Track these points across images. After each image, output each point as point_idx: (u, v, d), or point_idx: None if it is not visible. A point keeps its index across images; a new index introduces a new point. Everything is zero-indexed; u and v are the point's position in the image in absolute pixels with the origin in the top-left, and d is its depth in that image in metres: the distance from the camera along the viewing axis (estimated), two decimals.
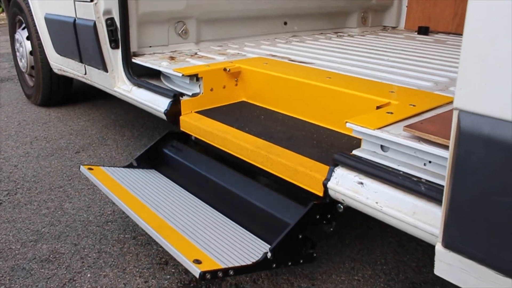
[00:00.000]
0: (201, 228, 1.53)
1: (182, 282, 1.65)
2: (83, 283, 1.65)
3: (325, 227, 1.49)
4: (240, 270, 1.32)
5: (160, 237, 1.39)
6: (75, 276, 1.69)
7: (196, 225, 1.55)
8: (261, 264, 1.36)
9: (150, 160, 2.03)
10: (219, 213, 1.67)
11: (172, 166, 1.99)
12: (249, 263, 1.35)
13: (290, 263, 1.48)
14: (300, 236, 1.44)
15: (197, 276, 1.23)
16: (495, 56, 0.72)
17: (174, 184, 1.88)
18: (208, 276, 1.24)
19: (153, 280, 1.66)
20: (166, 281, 1.66)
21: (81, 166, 1.85)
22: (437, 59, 2.37)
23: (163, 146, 2.04)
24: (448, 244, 0.89)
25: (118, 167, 1.95)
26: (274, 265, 1.41)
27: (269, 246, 1.42)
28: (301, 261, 1.50)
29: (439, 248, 0.93)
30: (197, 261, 1.27)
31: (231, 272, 1.30)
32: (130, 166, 1.98)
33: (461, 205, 0.83)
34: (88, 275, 1.70)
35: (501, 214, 0.77)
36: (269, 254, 1.36)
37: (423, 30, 3.51)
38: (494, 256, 0.81)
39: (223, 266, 1.28)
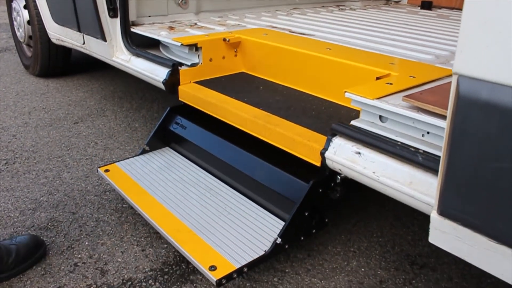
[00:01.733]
0: (215, 215, 1.57)
1: (179, 252, 1.66)
2: (81, 250, 1.67)
3: (331, 195, 1.50)
4: (253, 264, 1.37)
5: (178, 245, 1.44)
6: (73, 244, 1.70)
7: (209, 212, 1.59)
8: (273, 252, 1.41)
9: (160, 140, 2.04)
10: (230, 189, 1.71)
11: (181, 144, 2.00)
12: (262, 252, 1.39)
13: (302, 238, 1.52)
14: (307, 213, 1.46)
15: (214, 283, 1.29)
16: (497, 18, 0.70)
17: (185, 161, 1.92)
18: (224, 281, 1.30)
19: (150, 249, 1.68)
20: (163, 250, 1.67)
21: (99, 169, 1.87)
22: (439, 33, 2.34)
23: (168, 125, 2.04)
24: (443, 211, 0.89)
25: (133, 157, 1.97)
26: (287, 246, 1.45)
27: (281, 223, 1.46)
28: (314, 231, 1.54)
29: (434, 215, 0.93)
30: (213, 268, 1.32)
31: (245, 269, 1.35)
32: (143, 152, 1.99)
33: (457, 171, 0.83)
34: (86, 243, 1.71)
35: (496, 180, 0.77)
36: (278, 240, 1.40)
37: (426, 5, 3.46)
38: (489, 223, 0.81)
39: (237, 266, 1.33)
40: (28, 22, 3.44)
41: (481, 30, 0.73)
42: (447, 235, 0.89)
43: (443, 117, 1.08)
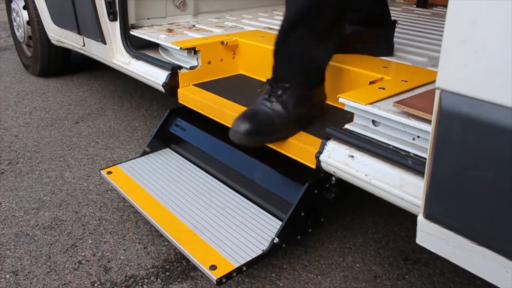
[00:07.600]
0: (215, 216, 1.62)
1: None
2: (85, 248, 1.72)
3: (327, 195, 1.55)
4: (252, 263, 1.42)
5: (179, 245, 1.48)
6: (77, 242, 1.76)
7: (209, 212, 1.64)
8: (271, 250, 1.46)
9: (161, 141, 2.09)
10: (230, 190, 1.76)
11: (181, 145, 2.05)
12: (260, 252, 1.44)
13: (299, 237, 1.57)
14: (303, 213, 1.52)
15: (215, 282, 1.34)
16: (475, 38, 0.76)
17: (186, 162, 1.97)
18: (224, 280, 1.35)
19: (152, 247, 1.73)
20: (164, 247, 1.73)
21: (101, 171, 1.92)
22: (433, 34, 2.38)
23: (168, 127, 2.08)
24: (429, 215, 0.94)
25: (134, 158, 2.01)
26: (284, 245, 1.50)
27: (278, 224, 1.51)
28: (310, 230, 1.59)
29: (420, 218, 0.99)
30: (213, 267, 1.37)
31: (244, 268, 1.40)
32: (144, 153, 2.04)
33: (440, 179, 0.89)
34: (89, 241, 1.77)
35: (475, 188, 0.83)
36: (276, 239, 1.45)
37: (422, 3, 3.50)
38: (470, 227, 0.87)
39: (236, 265, 1.38)
40: (28, 23, 3.46)
41: (460, 49, 0.78)
42: (433, 237, 0.95)
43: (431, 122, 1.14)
